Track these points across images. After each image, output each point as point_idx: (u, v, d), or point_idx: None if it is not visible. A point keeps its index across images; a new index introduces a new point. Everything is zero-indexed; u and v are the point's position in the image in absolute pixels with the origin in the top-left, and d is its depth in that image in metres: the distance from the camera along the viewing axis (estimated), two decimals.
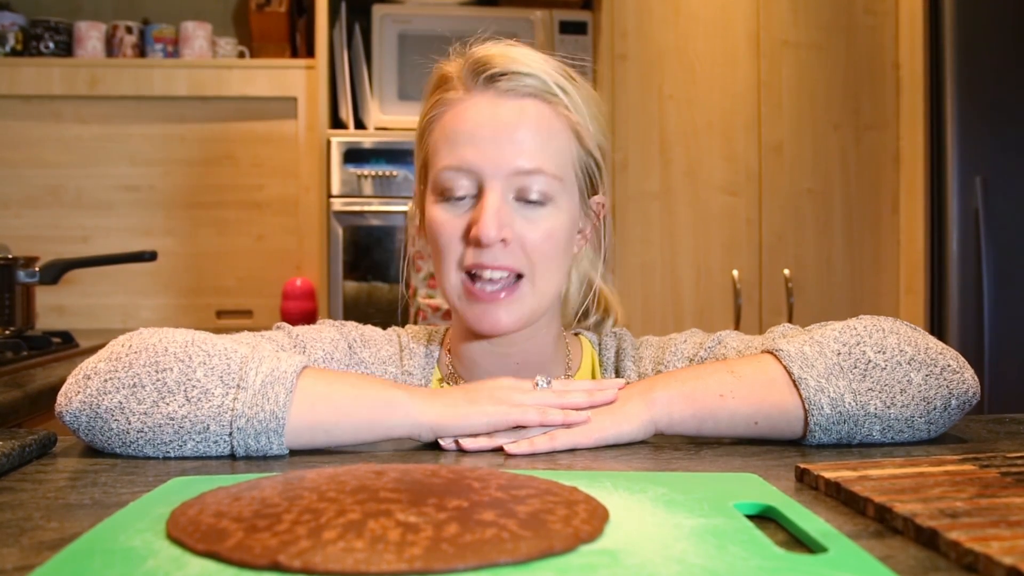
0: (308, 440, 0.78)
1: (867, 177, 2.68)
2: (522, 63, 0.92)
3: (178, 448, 0.76)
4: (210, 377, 0.76)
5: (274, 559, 0.45)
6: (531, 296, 0.92)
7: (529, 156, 0.89)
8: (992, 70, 2.46)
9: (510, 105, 0.91)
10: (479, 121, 0.90)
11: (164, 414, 0.75)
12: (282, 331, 0.97)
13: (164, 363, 0.77)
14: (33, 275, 1.81)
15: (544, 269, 0.92)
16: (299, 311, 2.70)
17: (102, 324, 2.78)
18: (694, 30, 2.64)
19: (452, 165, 0.90)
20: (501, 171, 0.89)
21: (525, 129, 0.90)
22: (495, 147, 0.89)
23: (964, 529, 0.50)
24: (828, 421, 0.79)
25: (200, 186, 2.84)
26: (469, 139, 0.90)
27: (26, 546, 0.52)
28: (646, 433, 0.82)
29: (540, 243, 0.90)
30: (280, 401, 0.76)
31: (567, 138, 0.93)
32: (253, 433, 0.75)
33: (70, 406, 0.77)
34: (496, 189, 0.89)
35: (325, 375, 0.81)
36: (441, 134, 0.93)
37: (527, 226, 0.90)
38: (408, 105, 2.64)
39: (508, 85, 0.91)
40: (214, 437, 0.76)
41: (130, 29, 2.79)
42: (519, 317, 0.92)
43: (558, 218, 0.92)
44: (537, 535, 0.48)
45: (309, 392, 0.78)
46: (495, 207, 0.88)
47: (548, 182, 0.90)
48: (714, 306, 2.64)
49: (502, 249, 0.89)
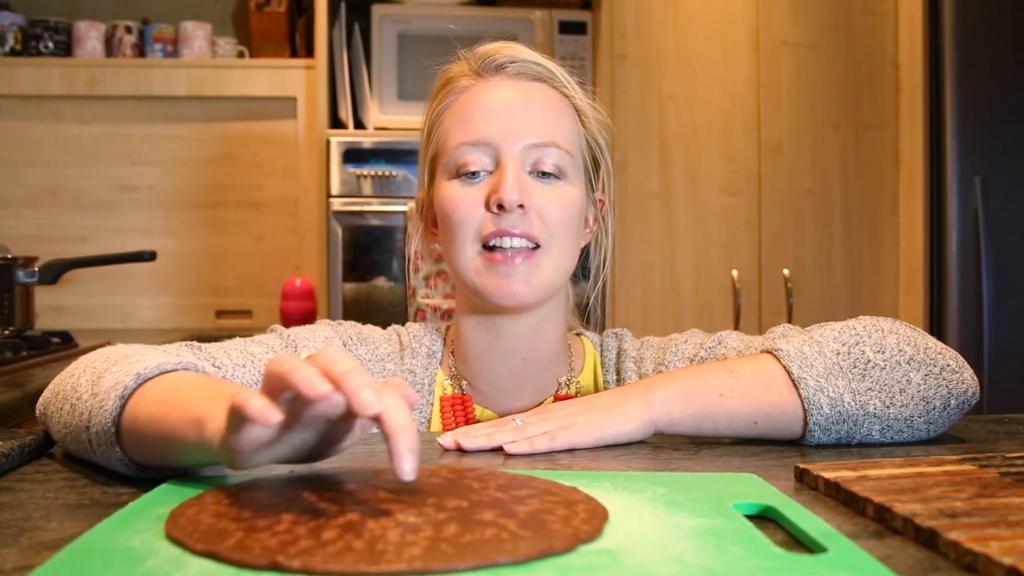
0: (144, 456, 0.66)
1: (866, 177, 2.68)
2: (528, 53, 0.97)
3: (87, 456, 0.72)
4: (86, 384, 0.72)
5: (273, 559, 0.45)
6: (548, 266, 0.92)
7: (542, 130, 0.92)
8: (991, 70, 2.46)
9: (521, 86, 0.95)
10: (492, 99, 0.94)
11: (63, 422, 0.74)
12: (275, 333, 0.96)
13: (75, 370, 0.76)
14: (32, 275, 1.81)
15: (561, 241, 0.93)
16: (298, 311, 2.70)
17: (101, 324, 2.78)
18: (694, 30, 2.64)
19: (468, 140, 0.92)
20: (517, 144, 0.91)
21: (537, 106, 0.94)
22: (510, 121, 0.92)
23: (963, 529, 0.50)
24: (827, 421, 0.80)
25: (199, 186, 2.84)
26: (483, 115, 0.93)
27: (25, 546, 0.52)
28: (645, 433, 0.83)
29: (557, 213, 0.92)
30: (108, 407, 0.67)
31: (574, 120, 0.97)
32: (97, 443, 0.68)
33: (37, 412, 0.81)
34: (514, 159, 0.91)
35: (186, 377, 0.68)
36: (453, 118, 0.95)
37: (544, 196, 0.92)
38: (408, 105, 2.64)
39: (517, 69, 0.95)
40: (84, 447, 0.70)
41: (129, 29, 2.79)
42: (537, 286, 0.92)
43: (572, 193, 0.94)
44: (536, 535, 0.48)
45: (151, 390, 0.67)
46: (515, 173, 0.90)
47: (561, 156, 0.93)
48: (714, 306, 2.64)
49: (521, 216, 0.90)
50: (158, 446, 0.64)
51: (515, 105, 0.93)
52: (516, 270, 0.90)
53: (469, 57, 0.98)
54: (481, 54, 0.97)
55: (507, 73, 0.96)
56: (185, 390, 0.65)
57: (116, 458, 0.68)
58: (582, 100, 0.99)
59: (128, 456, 0.68)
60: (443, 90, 0.98)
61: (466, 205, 0.92)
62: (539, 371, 0.98)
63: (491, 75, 0.96)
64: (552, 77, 0.97)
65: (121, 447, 0.68)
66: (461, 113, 0.94)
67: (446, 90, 0.97)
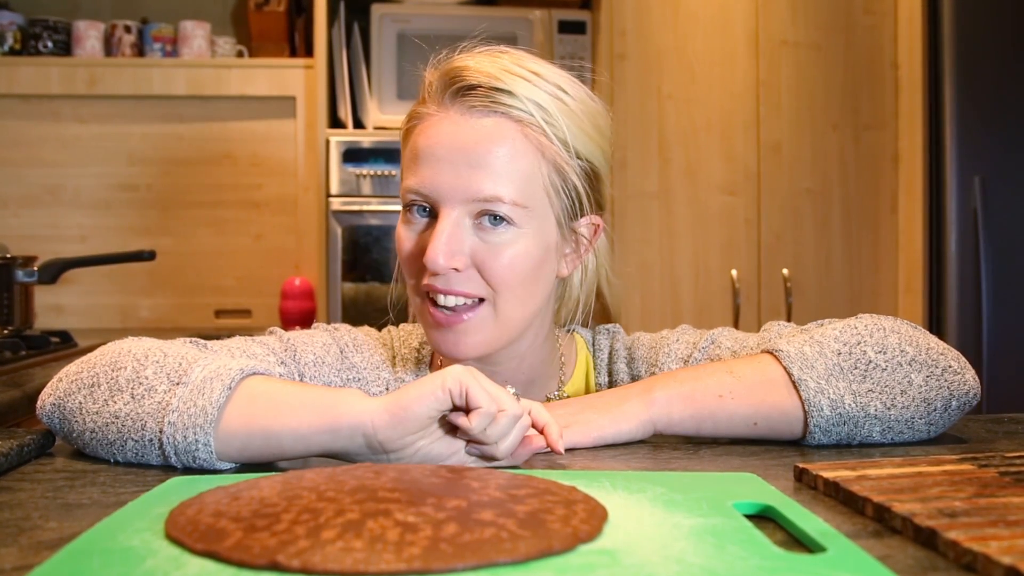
0: (243, 444, 0.71)
1: (866, 177, 2.68)
2: (496, 77, 0.85)
3: (120, 449, 0.73)
4: (158, 375, 0.73)
5: (273, 559, 0.45)
6: (492, 322, 0.87)
7: (488, 182, 0.84)
8: (991, 70, 2.46)
9: (473, 124, 0.85)
10: (440, 141, 0.86)
11: (111, 412, 0.73)
12: (274, 336, 0.96)
13: (121, 363, 0.75)
14: (31, 274, 1.81)
15: (508, 296, 0.86)
16: (298, 311, 2.70)
17: (100, 324, 2.78)
18: (693, 30, 2.64)
19: (411, 186, 0.87)
20: (456, 196, 0.84)
21: (486, 153, 0.84)
22: (452, 171, 0.84)
23: (962, 529, 0.50)
24: (828, 422, 0.79)
25: (199, 185, 2.84)
26: (428, 159, 0.86)
27: (25, 546, 0.52)
28: (645, 433, 0.82)
29: (501, 270, 0.85)
30: (214, 396, 0.70)
31: (535, 161, 0.86)
32: (181, 428, 0.70)
33: (44, 408, 0.78)
34: (450, 216, 0.85)
35: (274, 379, 0.75)
36: (408, 150, 0.90)
37: (487, 251, 0.85)
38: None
39: (475, 101, 0.85)
40: (149, 435, 0.71)
41: (129, 28, 2.79)
42: (479, 342, 0.87)
43: (522, 244, 0.86)
44: (536, 535, 0.48)
45: (250, 391, 0.72)
46: (445, 234, 0.84)
47: (509, 209, 0.84)
48: (713, 306, 2.64)
49: (456, 276, 0.85)
50: (271, 434, 0.70)
51: (460, 151, 0.84)
52: (457, 329, 0.86)
53: (444, 66, 0.89)
54: (448, 71, 0.88)
55: (464, 105, 0.86)
56: (293, 384, 0.74)
57: (201, 445, 0.70)
58: (559, 131, 0.87)
59: (215, 446, 0.70)
60: (417, 103, 0.92)
61: (407, 251, 0.89)
62: (524, 390, 0.94)
63: (447, 105, 0.87)
64: (518, 108, 0.85)
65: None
66: (414, 147, 0.88)
67: (417, 105, 0.91)
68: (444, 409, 0.68)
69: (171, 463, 0.72)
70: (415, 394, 0.67)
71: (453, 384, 0.67)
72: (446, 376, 0.67)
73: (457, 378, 0.67)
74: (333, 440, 0.69)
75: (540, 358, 0.97)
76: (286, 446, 0.70)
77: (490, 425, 0.68)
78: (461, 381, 0.67)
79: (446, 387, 0.67)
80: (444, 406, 0.67)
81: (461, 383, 0.67)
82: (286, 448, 0.70)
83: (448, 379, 0.67)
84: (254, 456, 0.72)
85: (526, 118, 0.86)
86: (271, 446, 0.70)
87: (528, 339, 0.93)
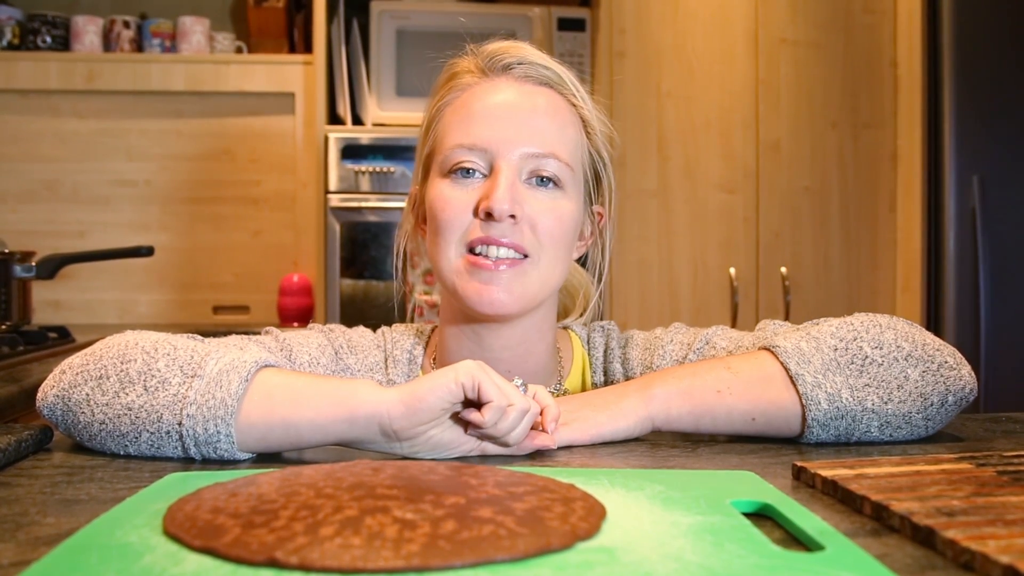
0: (262, 435, 0.72)
1: (864, 175, 2.68)
2: (537, 55, 0.94)
3: (134, 441, 0.74)
4: (171, 367, 0.74)
5: (271, 555, 0.45)
6: (535, 277, 0.90)
7: (543, 140, 0.90)
8: (990, 69, 2.46)
9: (526, 89, 0.92)
10: (495, 101, 0.91)
11: (123, 404, 0.73)
12: (270, 335, 0.96)
13: (130, 355, 0.76)
14: (29, 270, 1.81)
15: (551, 253, 0.90)
16: (296, 307, 2.69)
17: (98, 319, 2.78)
18: (692, 28, 2.64)
19: (465, 143, 0.90)
20: (515, 152, 0.89)
21: (540, 113, 0.91)
22: (510, 127, 0.90)
23: (961, 527, 0.50)
24: (826, 417, 0.79)
25: (197, 181, 2.84)
26: (484, 118, 0.90)
27: (22, 541, 0.52)
28: (643, 430, 0.83)
29: (550, 225, 0.90)
30: (232, 388, 0.71)
31: (578, 131, 0.95)
32: (202, 420, 0.71)
33: (46, 400, 0.78)
34: (510, 166, 0.89)
35: (286, 371, 0.76)
36: (453, 116, 0.93)
37: (538, 207, 0.89)
38: (406, 101, 2.64)
39: (524, 71, 0.93)
40: (166, 427, 0.72)
41: (127, 24, 2.79)
42: (519, 296, 0.89)
43: (567, 205, 0.92)
44: (534, 532, 0.48)
45: (266, 382, 0.73)
46: (509, 182, 0.88)
47: (560, 168, 0.90)
48: (711, 304, 2.64)
49: (511, 226, 0.88)
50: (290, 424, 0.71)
51: (517, 110, 0.90)
52: (499, 277, 0.88)
53: (477, 53, 0.95)
54: (489, 52, 0.94)
55: (513, 75, 0.93)
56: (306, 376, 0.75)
57: (223, 436, 0.71)
58: (590, 111, 0.96)
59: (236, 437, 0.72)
60: (447, 85, 0.96)
61: (455, 207, 0.90)
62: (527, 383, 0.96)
63: (496, 75, 0.93)
64: (560, 83, 0.94)
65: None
66: (461, 112, 0.92)
67: (450, 85, 0.95)
68: (456, 401, 0.71)
69: (190, 455, 0.73)
70: (429, 386, 0.70)
71: (465, 378, 0.69)
72: (459, 370, 0.70)
73: (469, 372, 0.70)
74: (350, 429, 0.71)
75: (544, 346, 0.98)
76: (305, 435, 0.72)
77: (500, 419, 0.71)
78: (473, 375, 0.70)
79: (459, 381, 0.69)
80: (456, 398, 0.70)
81: (473, 377, 0.70)
82: (304, 437, 0.72)
83: (460, 373, 0.70)
84: (273, 446, 0.73)
85: (570, 96, 0.94)
86: (290, 436, 0.72)
87: (539, 315, 0.95)
